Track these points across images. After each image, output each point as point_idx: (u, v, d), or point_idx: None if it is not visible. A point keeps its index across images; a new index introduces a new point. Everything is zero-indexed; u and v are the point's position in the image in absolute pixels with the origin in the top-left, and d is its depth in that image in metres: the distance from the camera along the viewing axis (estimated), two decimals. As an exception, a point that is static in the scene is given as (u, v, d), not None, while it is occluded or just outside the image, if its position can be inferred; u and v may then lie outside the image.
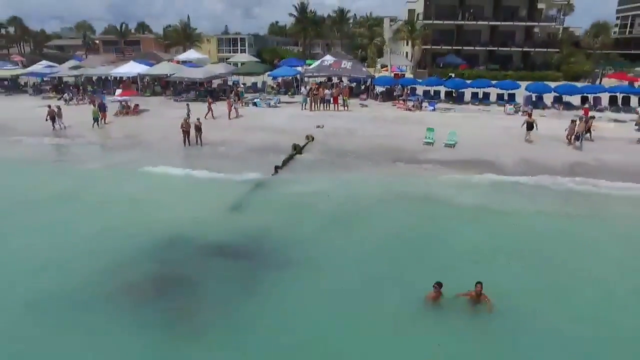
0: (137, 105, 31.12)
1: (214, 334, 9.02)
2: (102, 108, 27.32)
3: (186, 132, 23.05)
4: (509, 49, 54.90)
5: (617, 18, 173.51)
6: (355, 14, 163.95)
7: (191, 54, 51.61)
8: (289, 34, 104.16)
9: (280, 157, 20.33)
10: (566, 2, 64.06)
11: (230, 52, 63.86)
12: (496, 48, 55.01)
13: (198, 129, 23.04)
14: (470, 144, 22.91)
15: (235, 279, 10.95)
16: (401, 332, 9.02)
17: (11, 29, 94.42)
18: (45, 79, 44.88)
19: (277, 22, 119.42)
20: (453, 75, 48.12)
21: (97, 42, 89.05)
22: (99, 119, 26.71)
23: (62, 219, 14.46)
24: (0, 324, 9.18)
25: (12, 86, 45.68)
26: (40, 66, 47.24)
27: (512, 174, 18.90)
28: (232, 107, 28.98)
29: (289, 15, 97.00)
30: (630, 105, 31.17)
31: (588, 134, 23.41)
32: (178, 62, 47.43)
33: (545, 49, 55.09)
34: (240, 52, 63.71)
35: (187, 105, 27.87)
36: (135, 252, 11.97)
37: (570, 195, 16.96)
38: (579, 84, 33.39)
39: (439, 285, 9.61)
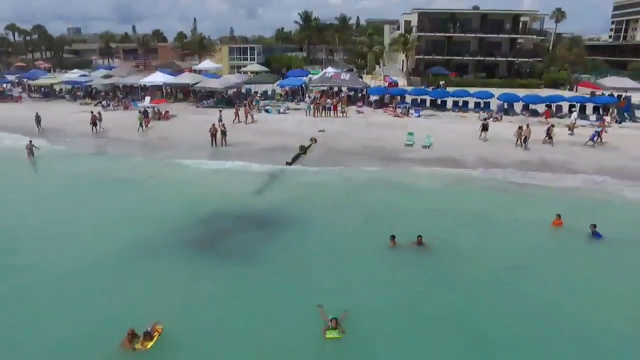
0: (167, 111, 36.73)
1: (251, 257, 14.63)
2: (145, 114, 32.95)
3: (213, 135, 28.66)
4: (495, 58, 60.28)
5: (612, 22, 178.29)
6: (358, 17, 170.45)
7: (208, 64, 57.48)
8: (294, 39, 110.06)
9: (290, 155, 25.94)
10: (548, 15, 69.30)
11: (240, 60, 69.49)
12: (483, 58, 60.40)
13: (223, 132, 28.67)
14: (443, 145, 28.42)
15: (261, 230, 16.68)
16: (370, 262, 14.57)
17: (34, 37, 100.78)
18: (77, 86, 50.65)
19: (282, 29, 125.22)
20: (443, 82, 53.66)
21: (113, 46, 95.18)
22: (143, 123, 32.26)
23: (138, 194, 20.35)
24: (111, 253, 14.78)
25: (49, 92, 51.37)
26: (75, 75, 53.05)
27: (470, 168, 24.48)
28: (248, 114, 34.58)
29: (294, 22, 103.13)
30: (586, 112, 36.57)
31: (550, 139, 28.77)
32: (195, 71, 53.22)
33: (528, 59, 60.50)
34: (250, 60, 69.33)
35: (220, 112, 33.31)
36: (193, 215, 17.74)
37: (510, 182, 22.46)
38: (543, 94, 38.63)
39: (393, 237, 15.15)
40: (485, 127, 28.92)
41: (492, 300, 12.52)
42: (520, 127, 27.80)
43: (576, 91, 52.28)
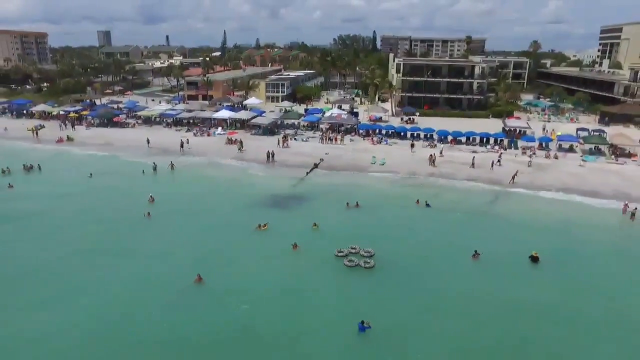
0: (236, 139, 61.38)
1: (291, 210, 39.05)
2: (241, 143, 57.52)
3: (268, 155, 53.20)
4: (457, 95, 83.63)
5: (599, 44, 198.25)
6: (375, 31, 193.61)
7: (254, 101, 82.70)
8: (314, 68, 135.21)
9: (308, 168, 50.32)
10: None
11: (274, 92, 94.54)
12: (449, 95, 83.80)
13: (273, 154, 53.22)
14: (392, 162, 52.33)
15: (296, 202, 41.12)
16: (338, 213, 38.74)
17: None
18: (167, 116, 75.68)
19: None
20: (418, 114, 77.40)
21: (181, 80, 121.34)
22: (241, 148, 56.84)
23: (238, 185, 45.07)
24: (240, 205, 39.31)
25: (147, 120, 76.51)
26: (164, 107, 78.47)
27: (400, 174, 48.47)
28: (285, 142, 59.04)
29: (316, 58, 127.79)
30: (489, 142, 59.83)
31: (473, 164, 51.94)
32: (245, 106, 78.28)
33: (480, 96, 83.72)
34: (281, 92, 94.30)
35: (278, 139, 58.08)
36: (265, 194, 42.33)
37: (416, 182, 46.31)
38: (464, 130, 61.81)
39: (347, 203, 39.37)
40: (412, 145, 53.18)
41: (379, 221, 36.52)
42: (431, 155, 51.63)
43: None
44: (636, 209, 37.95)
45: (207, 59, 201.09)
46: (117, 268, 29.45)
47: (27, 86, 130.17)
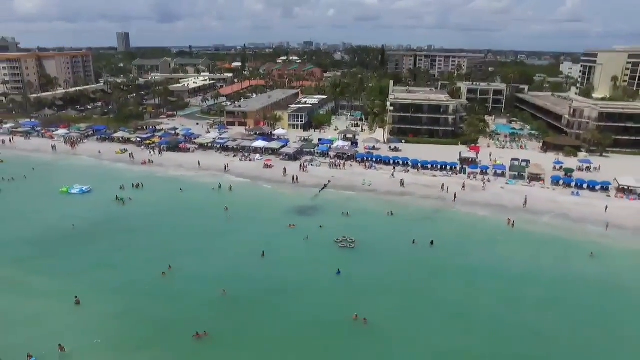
0: (272, 165, 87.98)
1: (308, 216, 65.59)
2: (285, 170, 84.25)
3: (293, 178, 79.85)
4: (434, 127, 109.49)
5: (581, 66, 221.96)
6: (383, 45, 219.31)
7: (281, 131, 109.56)
8: (326, 93, 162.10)
9: (320, 187, 76.84)
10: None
11: (294, 121, 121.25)
12: (428, 127, 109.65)
13: (296, 177, 79.86)
14: (376, 184, 78.66)
15: (310, 210, 67.79)
16: (337, 218, 65.15)
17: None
18: (217, 143, 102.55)
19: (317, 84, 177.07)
20: (404, 141, 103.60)
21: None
22: (286, 173, 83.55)
23: (273, 199, 72.07)
24: (279, 214, 66.05)
25: (201, 146, 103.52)
26: (213, 136, 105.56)
27: (379, 192, 74.82)
28: (305, 167, 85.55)
29: (327, 86, 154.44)
30: (447, 169, 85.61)
31: (442, 188, 77.87)
32: (274, 135, 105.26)
33: (453, 128, 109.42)
34: (300, 121, 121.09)
35: (299, 164, 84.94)
36: (292, 205, 69.00)
37: (388, 197, 72.56)
38: (430, 159, 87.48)
39: (342, 213, 65.83)
40: (394, 168, 79.64)
41: (361, 223, 62.87)
42: (401, 180, 77.79)
43: (470, 150, 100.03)
44: (514, 221, 63.37)
45: (232, 73, 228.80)
46: (222, 243, 56.69)
47: (88, 107, 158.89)
